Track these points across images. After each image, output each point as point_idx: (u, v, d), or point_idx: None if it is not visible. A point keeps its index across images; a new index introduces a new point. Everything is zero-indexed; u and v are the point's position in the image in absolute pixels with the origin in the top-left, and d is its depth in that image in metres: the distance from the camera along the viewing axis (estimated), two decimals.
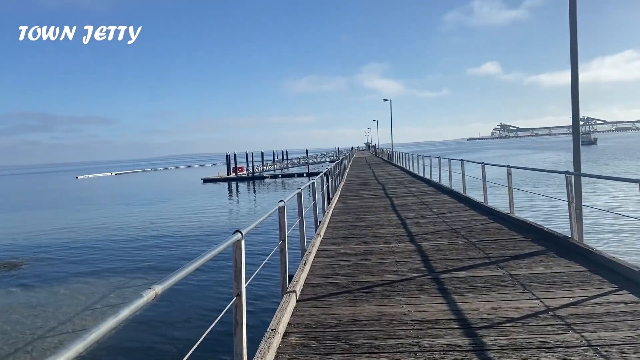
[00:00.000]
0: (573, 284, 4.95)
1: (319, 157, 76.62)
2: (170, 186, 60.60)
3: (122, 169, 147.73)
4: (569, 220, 6.64)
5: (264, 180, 59.59)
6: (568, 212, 6.65)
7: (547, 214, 16.80)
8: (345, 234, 8.76)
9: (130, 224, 25.58)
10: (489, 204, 10.95)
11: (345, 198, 15.02)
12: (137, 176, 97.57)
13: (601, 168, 44.56)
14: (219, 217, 26.80)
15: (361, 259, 6.64)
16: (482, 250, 6.70)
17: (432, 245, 7.25)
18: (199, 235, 20.79)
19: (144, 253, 17.72)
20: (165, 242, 19.61)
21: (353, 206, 12.86)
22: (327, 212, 11.23)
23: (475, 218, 9.58)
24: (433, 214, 10.55)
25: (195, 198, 40.14)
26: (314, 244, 7.35)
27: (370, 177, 24.19)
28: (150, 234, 22.04)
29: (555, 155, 77.87)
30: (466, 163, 13.60)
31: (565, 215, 7.06)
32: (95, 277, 14.83)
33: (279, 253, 5.19)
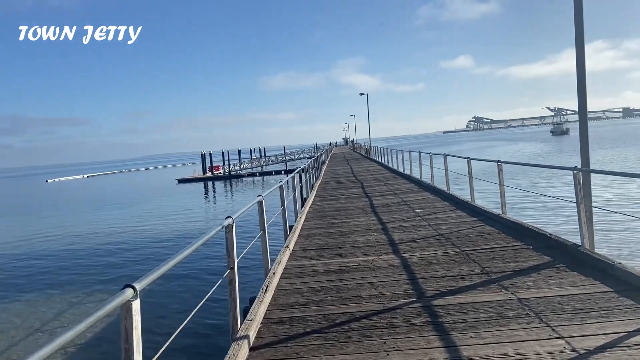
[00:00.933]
0: (600, 312, 3.93)
1: (297, 153, 75.64)
2: (142, 188, 58.56)
3: (97, 170, 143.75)
4: (578, 224, 5.65)
5: (242, 179, 58.13)
6: (577, 215, 5.65)
7: (541, 213, 15.76)
8: (319, 244, 7.64)
9: (94, 231, 23.98)
10: (477, 203, 9.98)
11: (322, 199, 13.91)
12: (110, 178, 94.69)
13: (577, 158, 44.51)
14: (190, 220, 25.39)
15: (336, 279, 5.53)
16: (478, 264, 5.67)
17: (418, 258, 6.19)
18: (166, 240, 19.41)
19: (103, 262, 16.30)
20: (129, 250, 18.19)
21: (329, 208, 11.75)
22: (300, 217, 10.10)
23: (464, 220, 8.58)
24: (416, 216, 9.52)
25: (167, 200, 38.50)
26: (280, 261, 6.20)
27: (348, 174, 23.14)
28: (115, 240, 20.55)
29: (530, 146, 78.33)
30: (449, 158, 12.63)
31: (565, 215, 6.15)
32: (53, 289, 13.42)
33: (227, 285, 4.04)
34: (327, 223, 9.59)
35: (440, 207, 10.40)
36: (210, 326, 9.86)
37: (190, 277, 13.06)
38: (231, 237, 4.02)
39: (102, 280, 14.02)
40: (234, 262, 4.00)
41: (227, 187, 49.00)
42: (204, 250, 14.97)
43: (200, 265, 14.13)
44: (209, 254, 15.09)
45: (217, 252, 14.94)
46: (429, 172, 14.72)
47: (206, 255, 14.91)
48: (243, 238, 15.21)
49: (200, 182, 57.05)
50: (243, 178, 59.35)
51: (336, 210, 11.35)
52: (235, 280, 4.01)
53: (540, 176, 28.08)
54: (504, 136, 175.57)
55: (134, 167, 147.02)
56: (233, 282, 4.01)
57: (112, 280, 13.79)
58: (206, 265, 14.12)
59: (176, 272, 12.65)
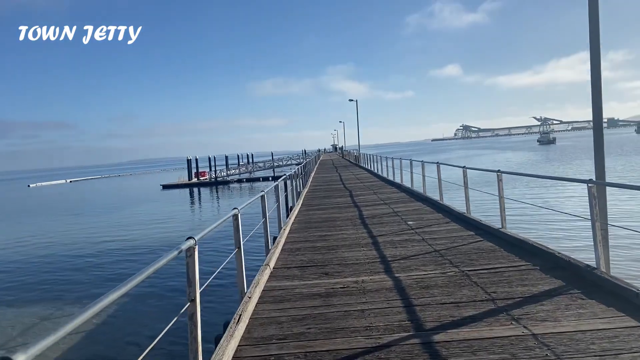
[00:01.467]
0: (633, 354, 3.30)
1: (285, 160, 74.91)
2: (126, 193, 57.35)
3: (82, 175, 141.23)
4: (593, 243, 5.03)
5: (228, 185, 57.24)
6: (592, 233, 5.05)
7: (544, 228, 14.74)
8: (303, 260, 6.94)
9: (71, 239, 22.97)
10: (473, 215, 9.38)
11: (308, 208, 13.22)
12: (94, 183, 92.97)
13: (565, 168, 44.46)
14: (165, 230, 24.49)
15: (321, 306, 4.84)
16: (482, 287, 5.02)
17: (414, 279, 5.53)
18: (144, 249, 18.51)
19: (72, 274, 15.38)
20: (102, 260, 17.27)
21: (316, 219, 11.06)
22: (284, 229, 9.39)
23: (461, 234, 7.95)
24: (409, 229, 8.88)
25: (150, 206, 37.47)
26: (257, 283, 5.49)
27: (337, 182, 22.49)
28: (90, 249, 19.60)
29: (517, 155, 78.51)
30: (441, 166, 12.04)
31: (570, 231, 5.56)
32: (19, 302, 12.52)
33: (187, 320, 3.32)
34: (313, 236, 8.90)
35: (434, 219, 9.77)
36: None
37: (151, 303, 11.78)
38: (193, 262, 3.32)
39: (61, 294, 13.13)
40: (195, 292, 3.29)
41: (213, 194, 48.08)
42: (167, 270, 14.12)
43: (162, 289, 12.87)
44: (174, 274, 14.19)
45: None
46: (420, 181, 14.15)
47: (172, 275, 13.77)
48: (217, 255, 14.21)
49: (185, 188, 56.04)
50: (230, 184, 58.46)
51: (323, 221, 10.67)
52: (197, 315, 3.30)
53: (533, 187, 27.64)
54: (491, 144, 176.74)
55: (119, 173, 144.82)
56: (194, 317, 3.30)
57: (69, 290, 12.93)
58: (169, 290, 12.61)
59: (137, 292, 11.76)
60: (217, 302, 10.22)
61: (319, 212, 12.23)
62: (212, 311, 9.38)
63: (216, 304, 10.02)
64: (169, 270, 12.05)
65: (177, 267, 13.49)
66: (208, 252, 15.11)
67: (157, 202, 41.75)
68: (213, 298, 10.34)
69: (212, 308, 9.63)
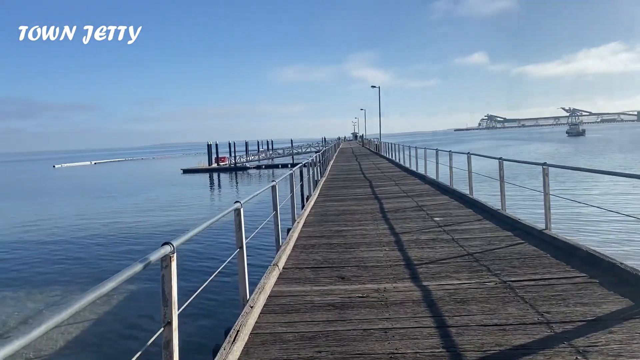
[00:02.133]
0: None
1: (305, 147, 74.17)
2: (146, 177, 57.48)
3: (106, 157, 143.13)
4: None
5: (247, 171, 56.85)
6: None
7: (593, 230, 13.00)
8: (317, 260, 6.14)
9: (81, 222, 22.68)
10: (509, 212, 8.43)
11: (325, 198, 12.41)
12: (117, 166, 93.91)
13: (596, 161, 42.48)
14: (180, 214, 24.00)
15: (335, 320, 4.04)
16: (531, 305, 4.14)
17: (446, 290, 4.68)
18: (150, 236, 17.99)
19: (72, 259, 14.93)
20: (105, 246, 16.81)
21: (333, 211, 10.25)
22: (298, 222, 8.59)
23: (497, 234, 7.03)
24: (436, 226, 8.00)
25: (168, 191, 37.20)
26: (262, 288, 4.71)
27: (356, 171, 21.60)
28: (98, 233, 19.21)
29: (546, 147, 76.02)
30: (456, 156, 11.05)
31: (622, 233, 4.58)
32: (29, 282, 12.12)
33: (161, 348, 2.56)
34: (329, 231, 8.09)
35: (463, 215, 8.85)
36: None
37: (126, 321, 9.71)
38: (169, 274, 2.55)
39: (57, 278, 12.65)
40: (171, 314, 2.52)
41: (232, 179, 47.72)
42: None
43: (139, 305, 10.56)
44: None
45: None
46: (446, 172, 13.18)
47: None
48: (218, 254, 13.13)
49: (205, 173, 55.85)
50: (249, 170, 58.10)
51: (341, 213, 9.84)
52: (173, 342, 2.53)
53: (564, 181, 26.19)
54: (517, 135, 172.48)
55: (142, 156, 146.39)
56: (170, 345, 2.53)
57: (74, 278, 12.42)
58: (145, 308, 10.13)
59: None
60: (217, 310, 9.20)
61: (337, 203, 11.40)
62: (211, 320, 8.67)
63: (216, 313, 9.08)
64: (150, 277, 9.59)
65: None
66: (209, 248, 14.35)
67: (176, 186, 41.51)
68: (212, 305, 9.39)
69: (211, 317, 8.84)
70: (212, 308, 9.23)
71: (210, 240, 15.13)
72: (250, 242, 5.00)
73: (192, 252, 13.91)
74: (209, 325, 8.54)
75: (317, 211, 10.31)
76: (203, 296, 7.86)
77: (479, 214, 8.76)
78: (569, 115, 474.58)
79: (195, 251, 13.92)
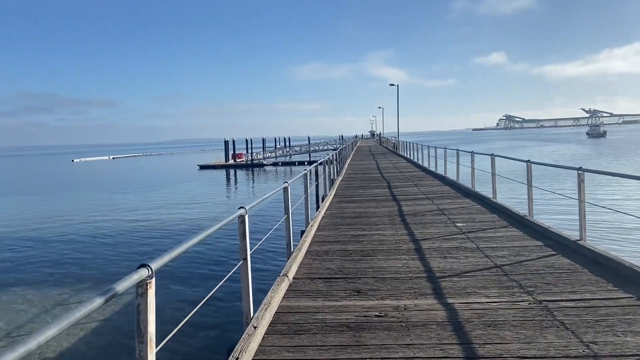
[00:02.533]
0: None
1: (322, 145, 73.74)
2: (163, 172, 57.69)
3: (126, 152, 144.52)
4: None
5: (264, 168, 56.68)
6: None
7: (622, 240, 11.96)
8: (331, 270, 5.69)
9: (92, 218, 22.58)
10: (537, 219, 7.86)
11: (341, 199, 11.96)
12: (135, 161, 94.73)
13: (618, 164, 41.10)
14: (194, 212, 23.78)
15: (349, 346, 3.58)
16: (573, 332, 3.63)
17: (473, 310, 4.18)
18: (157, 235, 17.74)
19: (80, 255, 14.72)
20: (118, 243, 16.59)
21: (349, 213, 9.78)
22: (312, 225, 8.14)
23: (526, 244, 6.49)
24: (459, 232, 7.48)
25: (183, 187, 37.13)
26: (268, 304, 4.26)
27: (374, 170, 21.08)
28: (107, 232, 19.02)
29: (566, 148, 74.27)
30: (479, 156, 10.47)
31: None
32: (48, 278, 11.93)
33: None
34: (345, 235, 7.63)
35: (488, 221, 8.30)
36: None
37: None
38: (145, 304, 2.12)
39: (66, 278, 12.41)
40: (147, 354, 2.09)
41: (248, 177, 47.54)
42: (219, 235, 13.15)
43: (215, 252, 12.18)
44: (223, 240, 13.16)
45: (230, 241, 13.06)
46: (466, 173, 12.62)
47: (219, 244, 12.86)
48: (226, 262, 12.33)
49: (222, 170, 55.85)
50: (265, 167, 57.92)
51: (357, 216, 9.38)
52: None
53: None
54: (536, 136, 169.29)
55: (160, 151, 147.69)
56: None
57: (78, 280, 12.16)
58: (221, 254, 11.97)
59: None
60: (216, 330, 8.29)
61: (353, 205, 10.93)
62: (210, 341, 8.17)
63: (213, 335, 8.17)
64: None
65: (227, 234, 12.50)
66: (213, 255, 13.79)
67: (191, 182, 41.45)
68: (216, 321, 8.61)
69: (209, 338, 8.09)
70: (211, 327, 8.39)
71: (213, 247, 14.42)
72: (259, 248, 4.58)
73: (188, 263, 12.69)
74: (209, 345, 7.90)
75: (332, 213, 9.86)
76: (203, 313, 7.54)
77: (505, 220, 8.21)
78: (589, 117, 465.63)
79: (194, 261, 13.13)
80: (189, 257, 12.90)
